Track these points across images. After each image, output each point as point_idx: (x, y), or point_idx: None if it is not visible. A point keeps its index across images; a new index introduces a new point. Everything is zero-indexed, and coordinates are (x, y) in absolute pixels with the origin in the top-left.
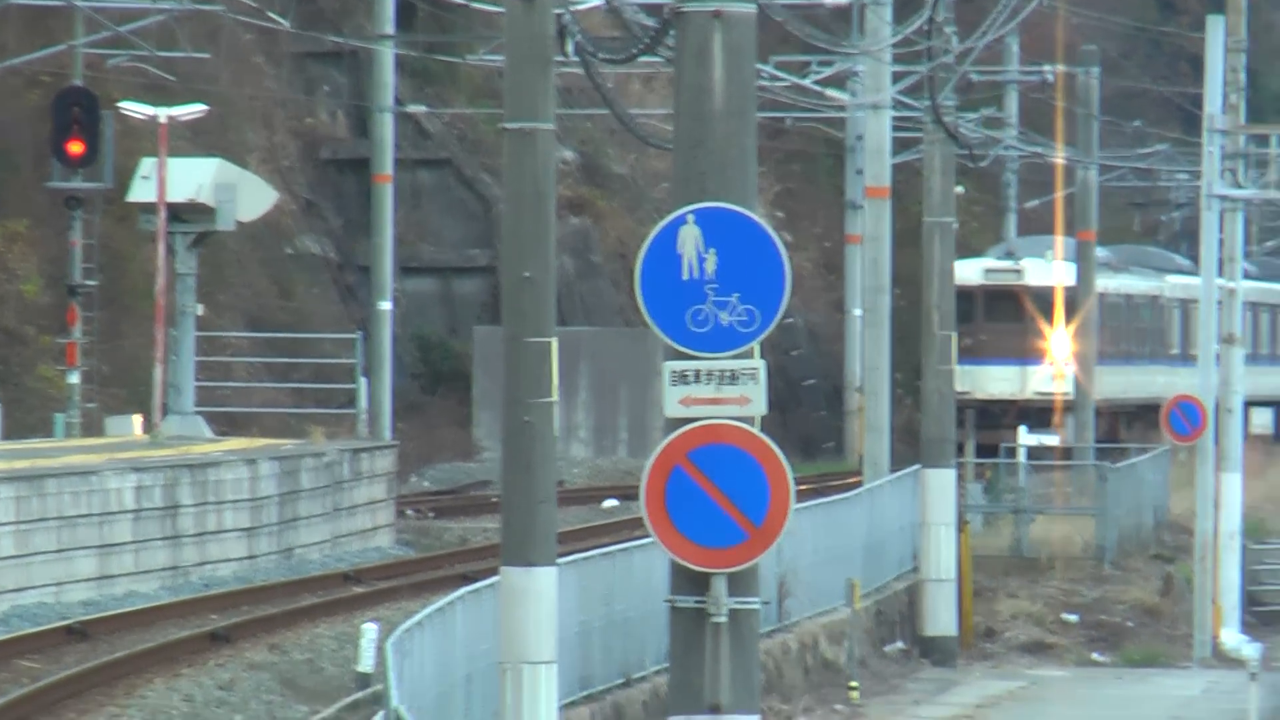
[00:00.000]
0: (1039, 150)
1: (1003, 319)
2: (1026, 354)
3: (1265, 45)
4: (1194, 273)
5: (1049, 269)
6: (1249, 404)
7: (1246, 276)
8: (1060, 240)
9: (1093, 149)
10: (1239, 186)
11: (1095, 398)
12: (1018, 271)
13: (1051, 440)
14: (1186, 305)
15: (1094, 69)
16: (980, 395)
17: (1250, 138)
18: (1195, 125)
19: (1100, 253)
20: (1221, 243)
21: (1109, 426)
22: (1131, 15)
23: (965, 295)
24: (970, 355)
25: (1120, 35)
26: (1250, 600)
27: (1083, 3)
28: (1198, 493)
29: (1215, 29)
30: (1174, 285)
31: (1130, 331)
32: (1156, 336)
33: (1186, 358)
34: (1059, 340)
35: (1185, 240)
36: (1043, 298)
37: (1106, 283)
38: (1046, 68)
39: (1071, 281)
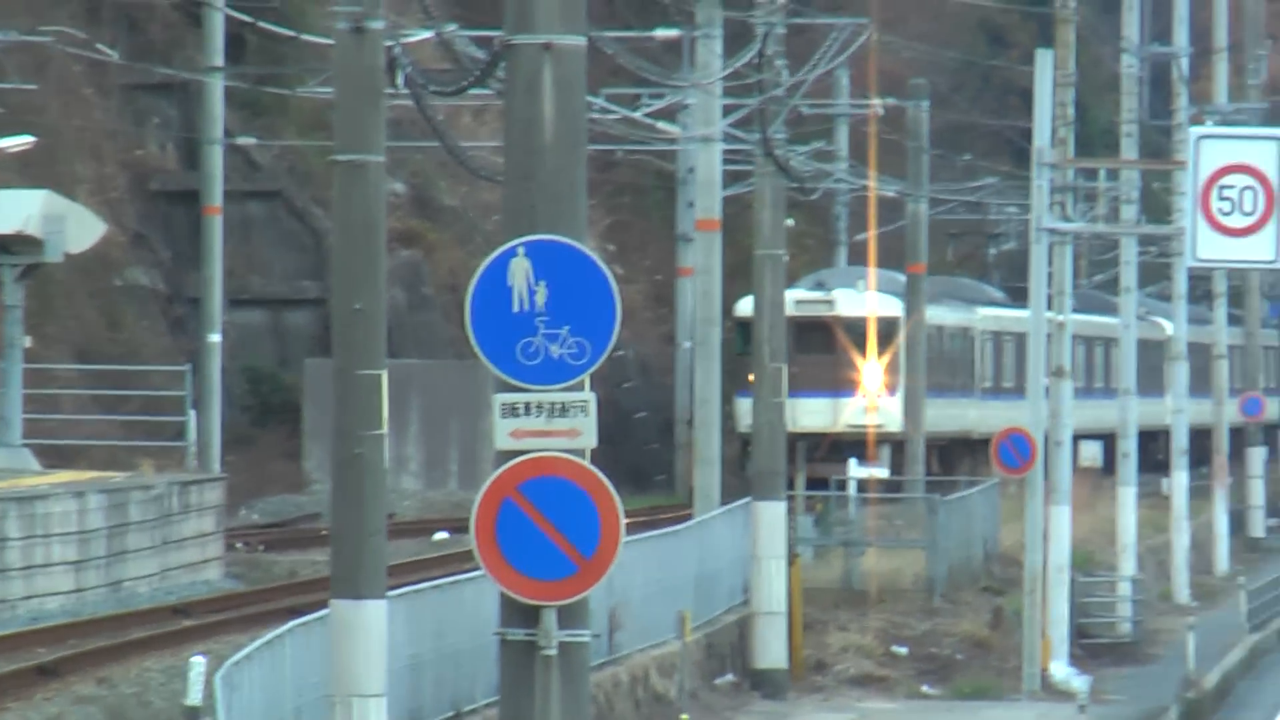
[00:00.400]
0: (869, 183)
1: (814, 350)
2: (839, 386)
3: (1094, 80)
4: (1007, 304)
5: (861, 299)
6: (1078, 437)
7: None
8: (873, 271)
9: (922, 182)
10: (1067, 220)
11: (903, 431)
12: (829, 302)
13: (881, 473)
14: (999, 338)
15: (923, 102)
16: (792, 429)
17: (1079, 171)
18: (1024, 158)
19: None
20: (1050, 276)
21: (940, 460)
22: (961, 49)
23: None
24: None
25: (950, 69)
26: (1079, 633)
27: (913, 36)
28: (1027, 525)
29: (1044, 63)
30: (985, 318)
31: (940, 364)
32: (967, 369)
33: (998, 391)
34: (872, 372)
35: (999, 271)
36: (855, 329)
37: (917, 314)
38: (876, 101)
39: (886, 312)
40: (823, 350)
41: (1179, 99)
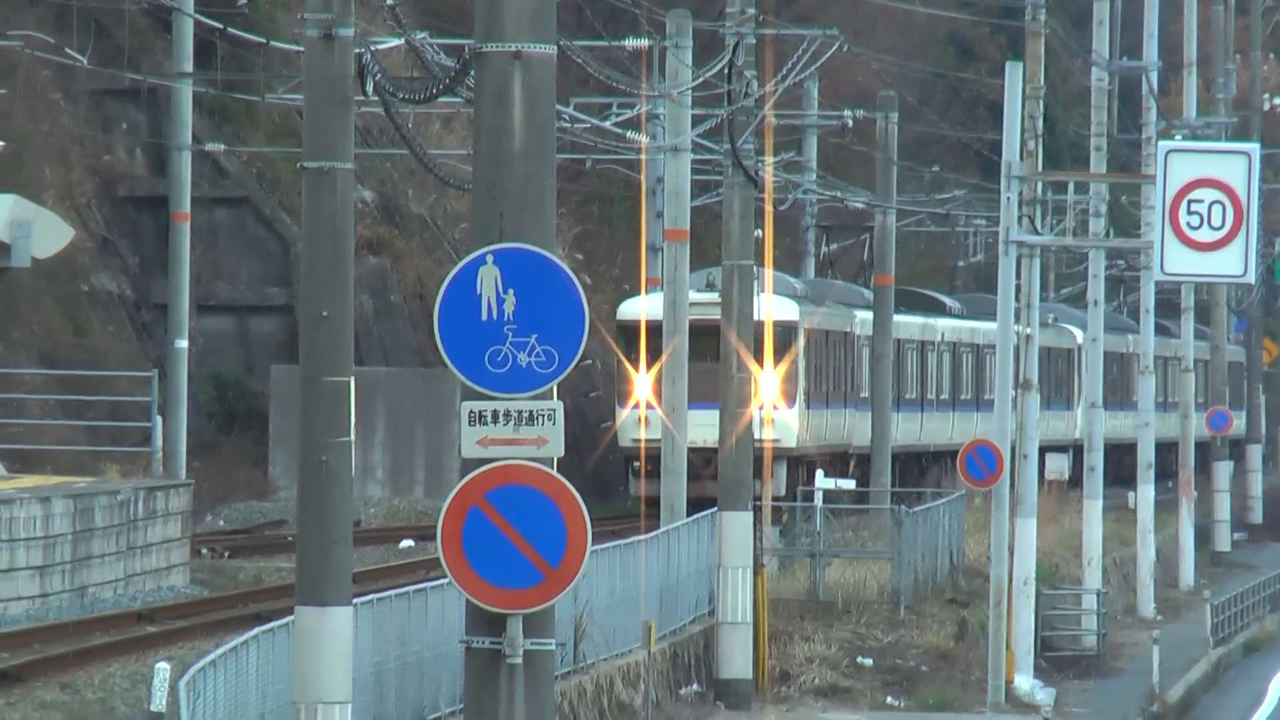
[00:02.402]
0: (838, 194)
1: (705, 358)
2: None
3: (1063, 93)
4: (911, 311)
5: (762, 302)
6: (1044, 449)
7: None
8: (770, 272)
9: (891, 193)
10: (1036, 232)
11: (799, 446)
12: (720, 305)
13: (848, 485)
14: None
15: (892, 114)
16: None
17: (1047, 184)
18: (993, 171)
19: (796, 284)
20: (1018, 288)
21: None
22: (930, 61)
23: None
24: None
25: (919, 81)
26: (1043, 645)
27: (882, 48)
28: (993, 538)
29: (1014, 76)
30: (864, 321)
31: (831, 373)
32: (850, 378)
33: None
34: (767, 382)
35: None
36: (757, 335)
37: (811, 318)
38: (845, 112)
39: (782, 316)
40: (714, 357)
41: (1148, 113)
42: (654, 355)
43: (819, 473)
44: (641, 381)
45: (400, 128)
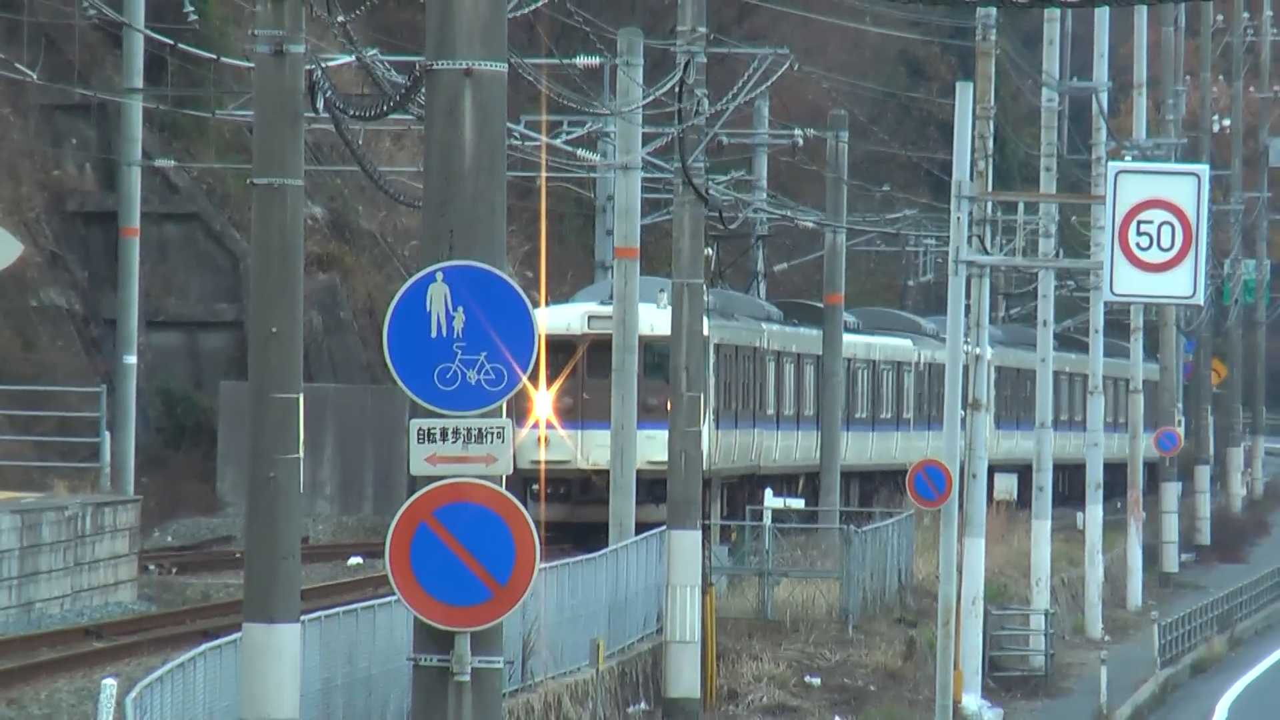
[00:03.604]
0: (788, 213)
1: (609, 374)
2: (639, 416)
3: (1013, 113)
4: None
5: (664, 315)
6: (993, 469)
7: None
8: (636, 277)
9: (841, 212)
10: (986, 252)
11: (709, 467)
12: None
13: (797, 504)
14: (780, 358)
15: (843, 133)
16: (583, 466)
17: (997, 204)
18: (943, 190)
19: (706, 296)
20: (968, 308)
21: (728, 499)
22: (881, 80)
23: (565, 345)
24: (570, 418)
25: (870, 100)
26: (991, 665)
27: (833, 67)
28: (941, 557)
29: (964, 95)
30: (792, 337)
31: (740, 390)
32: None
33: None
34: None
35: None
36: (656, 350)
37: (721, 333)
38: (796, 131)
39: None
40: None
41: (1098, 133)
42: (554, 371)
43: (767, 491)
44: (541, 399)
45: (350, 144)
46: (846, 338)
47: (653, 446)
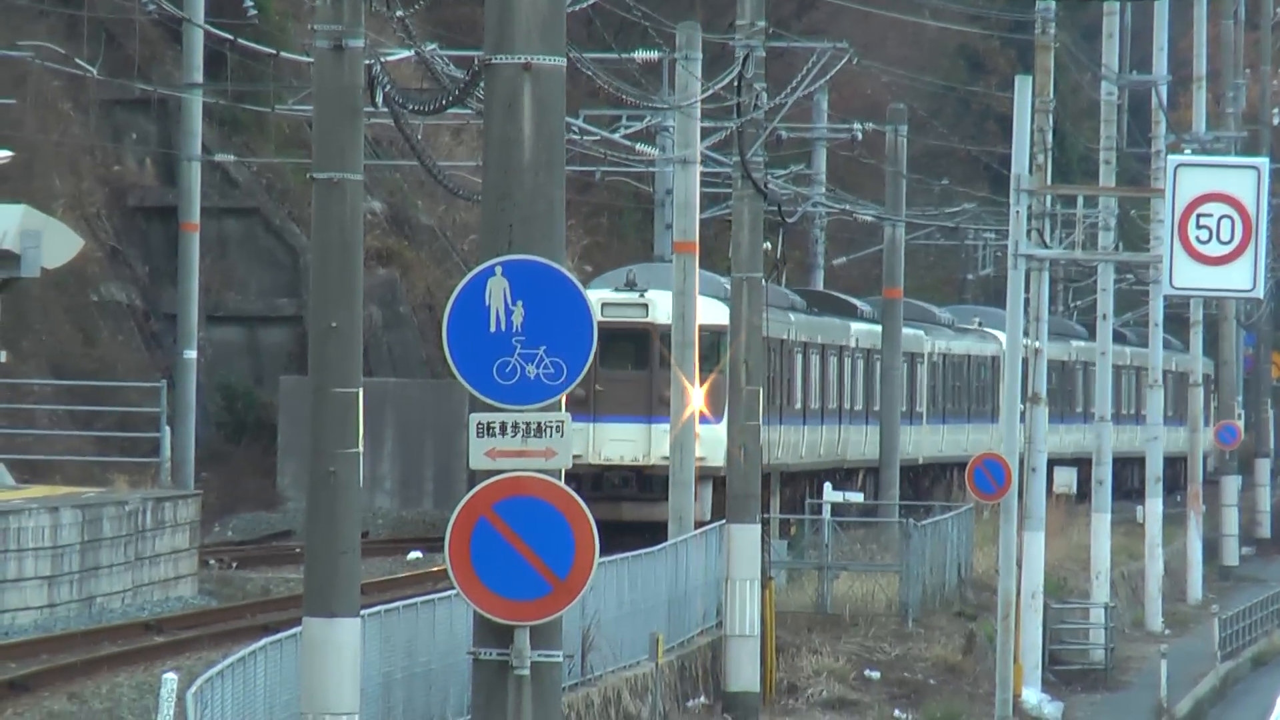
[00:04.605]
0: (847, 208)
1: (624, 365)
2: (654, 410)
3: (1073, 106)
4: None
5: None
6: (1052, 463)
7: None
8: (695, 271)
9: (900, 206)
10: (1045, 246)
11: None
12: (643, 306)
13: (856, 498)
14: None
15: (902, 127)
16: (595, 461)
17: (1057, 198)
18: (1002, 184)
19: (727, 284)
20: (1027, 302)
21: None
22: (940, 74)
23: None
24: (582, 411)
25: (928, 94)
26: (1051, 659)
27: (892, 61)
28: (1001, 551)
29: (1023, 89)
30: (812, 326)
31: (765, 384)
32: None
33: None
34: (697, 393)
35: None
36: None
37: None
38: (855, 125)
39: (710, 320)
40: (635, 365)
41: (1157, 127)
42: None
43: (827, 485)
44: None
45: (410, 139)
46: (854, 326)
47: (668, 441)
